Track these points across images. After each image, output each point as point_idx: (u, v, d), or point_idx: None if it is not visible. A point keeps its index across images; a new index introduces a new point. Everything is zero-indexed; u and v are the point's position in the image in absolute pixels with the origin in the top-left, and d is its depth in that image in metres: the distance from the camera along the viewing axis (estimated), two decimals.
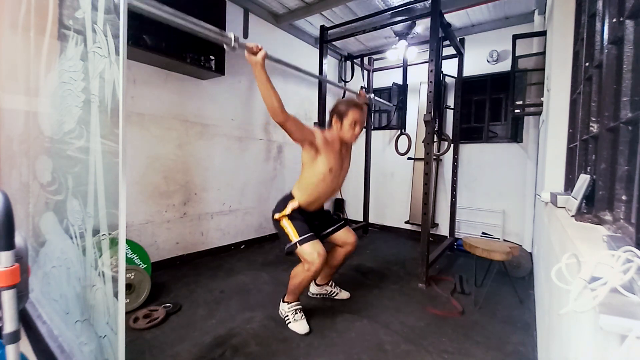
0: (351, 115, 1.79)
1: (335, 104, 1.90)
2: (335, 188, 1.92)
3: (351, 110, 1.80)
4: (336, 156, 1.83)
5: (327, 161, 1.78)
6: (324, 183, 1.82)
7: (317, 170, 1.80)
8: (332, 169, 1.81)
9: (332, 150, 1.81)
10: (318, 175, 1.80)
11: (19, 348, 0.84)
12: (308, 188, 1.84)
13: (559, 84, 1.86)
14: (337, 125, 1.83)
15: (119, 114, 0.86)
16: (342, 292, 2.17)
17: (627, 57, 0.83)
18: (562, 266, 0.59)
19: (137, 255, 2.19)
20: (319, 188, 1.84)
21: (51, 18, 1.36)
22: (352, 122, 1.79)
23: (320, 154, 1.77)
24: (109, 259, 1.02)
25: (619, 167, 0.86)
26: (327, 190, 1.87)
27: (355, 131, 1.82)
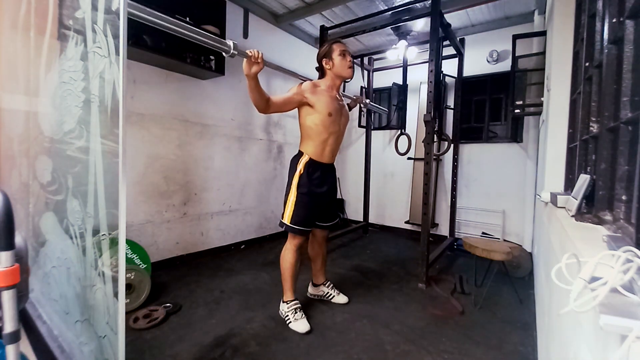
0: (336, 48, 1.83)
1: (317, 53, 1.93)
2: (338, 136, 1.92)
3: (334, 45, 1.85)
4: (332, 101, 1.82)
5: (324, 106, 1.78)
6: (326, 129, 1.82)
7: (317, 118, 1.80)
8: (331, 113, 1.81)
9: (327, 95, 1.82)
10: (318, 123, 1.80)
11: (19, 348, 0.84)
12: (313, 138, 1.84)
13: (559, 84, 1.86)
14: (329, 65, 1.85)
15: (119, 114, 0.86)
16: (340, 296, 2.14)
17: (627, 57, 0.83)
18: (562, 266, 0.59)
19: (137, 255, 2.19)
20: (323, 135, 1.83)
21: (51, 18, 1.36)
22: (340, 53, 1.82)
23: (314, 104, 1.78)
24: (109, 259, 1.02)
25: (619, 167, 0.86)
26: (332, 137, 1.87)
27: (347, 61, 1.84)
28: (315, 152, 1.85)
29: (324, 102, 1.79)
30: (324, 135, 1.83)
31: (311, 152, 1.85)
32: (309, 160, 1.84)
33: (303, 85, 1.78)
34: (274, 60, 3.63)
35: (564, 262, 0.58)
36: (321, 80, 1.89)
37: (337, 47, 1.83)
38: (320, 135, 1.83)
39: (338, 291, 2.16)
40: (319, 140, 1.84)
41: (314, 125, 1.81)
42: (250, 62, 1.51)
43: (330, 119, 1.81)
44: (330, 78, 1.87)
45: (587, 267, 0.53)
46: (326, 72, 1.88)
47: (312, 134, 1.83)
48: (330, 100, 1.81)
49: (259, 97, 1.61)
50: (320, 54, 1.89)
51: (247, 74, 1.54)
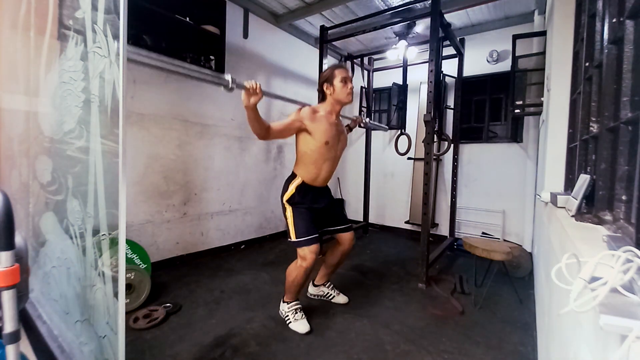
0: (338, 74, 1.82)
1: (319, 77, 1.93)
2: (334, 162, 1.91)
3: (336, 70, 1.83)
4: (330, 128, 1.81)
5: (321, 135, 1.77)
6: (321, 156, 1.81)
7: (313, 146, 1.78)
8: (328, 142, 1.80)
9: (325, 123, 1.80)
10: (314, 149, 1.79)
11: (19, 348, 0.84)
12: (307, 164, 1.83)
13: (559, 84, 1.86)
14: (330, 90, 1.83)
15: (119, 114, 0.86)
16: (340, 296, 2.13)
17: (627, 57, 0.83)
18: (562, 266, 0.59)
19: (137, 255, 2.19)
20: (318, 162, 1.82)
21: (51, 18, 1.36)
22: (341, 79, 1.81)
23: (313, 132, 1.76)
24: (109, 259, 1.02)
25: (619, 167, 0.86)
26: (327, 164, 1.86)
27: (348, 88, 1.83)
28: (308, 176, 1.84)
29: (321, 131, 1.77)
30: (319, 162, 1.82)
31: (304, 176, 1.84)
32: (302, 183, 1.83)
33: (302, 112, 1.76)
34: (273, 60, 3.64)
35: (564, 262, 0.58)
36: (321, 105, 1.87)
37: (339, 73, 1.82)
38: (316, 162, 1.82)
39: (338, 291, 2.16)
40: (313, 166, 1.83)
41: (309, 151, 1.80)
42: (249, 93, 1.50)
43: (326, 147, 1.80)
44: (330, 103, 1.85)
45: (587, 267, 0.53)
46: (326, 97, 1.86)
47: (307, 159, 1.82)
48: (328, 128, 1.80)
49: (259, 127, 1.60)
50: (321, 77, 1.88)
51: (246, 106, 1.53)
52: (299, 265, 1.76)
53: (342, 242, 2.00)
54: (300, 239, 1.76)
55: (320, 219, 1.90)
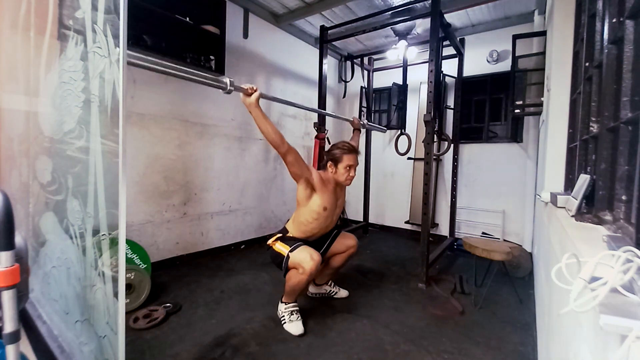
0: (346, 160, 1.84)
1: (330, 147, 1.94)
2: (329, 224, 1.97)
3: (345, 155, 1.85)
4: (330, 195, 1.86)
5: (321, 201, 1.82)
6: (317, 221, 1.87)
7: (311, 209, 1.83)
8: (327, 208, 1.85)
9: (327, 189, 1.85)
10: (312, 213, 1.84)
11: (19, 348, 0.84)
12: (302, 225, 1.88)
13: (559, 84, 1.86)
14: (332, 169, 1.88)
15: (119, 114, 0.86)
16: (341, 291, 2.18)
17: (627, 57, 0.83)
18: (562, 266, 0.59)
19: (137, 255, 2.19)
20: (313, 225, 1.87)
21: (51, 18, 1.36)
22: (346, 166, 1.85)
23: (316, 192, 1.81)
24: (109, 259, 1.02)
25: (619, 167, 0.86)
26: (321, 227, 1.91)
27: (350, 174, 1.87)
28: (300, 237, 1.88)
29: (324, 196, 1.82)
30: (314, 224, 1.87)
31: (296, 235, 1.88)
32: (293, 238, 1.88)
33: (314, 171, 1.82)
34: (274, 60, 3.64)
35: (564, 262, 0.58)
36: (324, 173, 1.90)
37: (347, 160, 1.84)
38: (311, 225, 1.86)
39: (338, 287, 2.18)
40: (308, 230, 1.88)
41: (308, 214, 1.84)
42: (247, 93, 1.52)
43: (324, 213, 1.85)
44: (331, 175, 1.90)
45: (587, 267, 0.53)
46: (327, 171, 1.90)
47: (303, 219, 1.86)
48: (329, 196, 1.85)
49: (272, 129, 1.59)
50: (329, 154, 1.90)
51: (249, 104, 1.54)
52: (301, 273, 1.70)
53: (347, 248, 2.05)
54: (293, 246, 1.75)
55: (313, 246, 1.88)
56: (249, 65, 3.34)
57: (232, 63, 3.06)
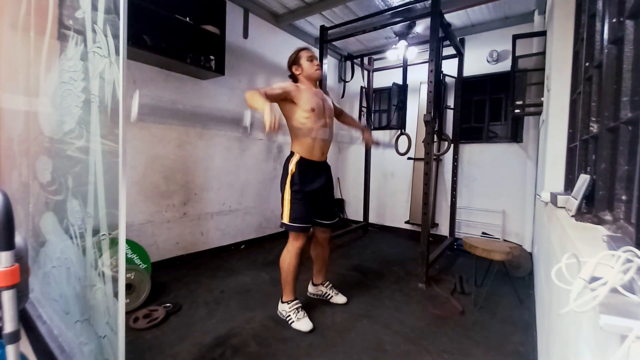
0: (304, 54, 1.92)
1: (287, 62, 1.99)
2: (325, 128, 1.92)
3: (301, 52, 1.93)
4: (313, 96, 1.87)
5: (306, 102, 1.83)
6: (312, 124, 1.85)
7: (300, 116, 1.84)
8: (314, 108, 1.85)
9: (308, 92, 1.86)
10: (303, 119, 1.84)
11: (19, 348, 0.84)
12: (299, 136, 1.87)
13: (559, 84, 1.86)
14: (299, 71, 1.93)
15: (119, 114, 0.86)
16: (338, 296, 2.13)
17: (627, 57, 0.83)
18: (562, 266, 0.59)
19: (137, 255, 2.19)
20: (311, 131, 1.86)
21: (51, 18, 1.36)
22: (307, 58, 1.92)
23: (298, 101, 1.82)
24: (109, 259, 1.02)
25: (619, 167, 0.86)
26: (319, 131, 1.88)
27: (314, 64, 1.92)
28: (305, 150, 1.88)
29: (305, 99, 1.83)
30: (310, 131, 1.86)
31: (301, 151, 1.88)
32: (300, 159, 1.87)
33: (287, 84, 1.84)
34: (274, 60, 3.64)
35: (564, 262, 0.58)
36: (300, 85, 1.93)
37: (304, 54, 1.92)
38: (308, 132, 1.85)
39: (337, 291, 2.16)
40: (305, 138, 1.86)
41: (299, 124, 1.84)
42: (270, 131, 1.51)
43: (313, 114, 1.84)
44: (304, 82, 1.94)
45: (587, 267, 0.53)
46: (298, 78, 1.95)
47: (299, 133, 1.86)
48: (311, 96, 1.86)
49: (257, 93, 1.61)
50: (289, 61, 1.96)
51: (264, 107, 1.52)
52: (291, 248, 1.86)
53: (317, 233, 2.08)
54: (293, 224, 1.84)
55: (314, 205, 1.94)
56: (249, 65, 3.34)
57: (232, 63, 3.06)
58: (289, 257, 1.87)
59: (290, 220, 1.83)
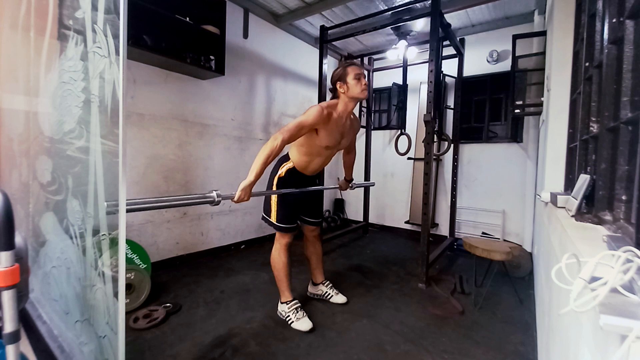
0: (351, 71, 1.76)
1: (331, 75, 1.85)
2: (328, 158, 1.93)
3: (349, 68, 1.78)
4: (336, 131, 1.80)
5: (325, 139, 1.77)
6: (319, 156, 1.86)
7: (314, 144, 1.80)
8: (329, 146, 1.82)
9: (334, 126, 1.78)
10: (314, 147, 1.81)
11: (19, 348, 0.84)
12: (300, 153, 1.87)
13: (559, 84, 1.86)
14: (344, 88, 1.77)
15: (119, 114, 0.86)
16: (338, 296, 2.13)
17: (627, 57, 0.83)
18: (562, 266, 0.59)
19: (137, 255, 2.19)
20: (313, 158, 1.87)
21: (51, 18, 1.36)
22: (354, 76, 1.75)
23: (320, 132, 1.76)
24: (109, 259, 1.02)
25: (619, 167, 0.86)
26: (321, 162, 1.91)
27: (362, 84, 1.76)
28: (299, 164, 1.89)
29: (326, 135, 1.76)
30: (313, 156, 1.86)
31: (296, 162, 1.88)
32: (292, 168, 1.89)
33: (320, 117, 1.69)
34: (274, 60, 3.64)
35: (564, 262, 0.58)
36: (336, 104, 1.80)
37: (352, 71, 1.76)
38: (309, 155, 1.85)
39: (337, 291, 2.16)
40: (305, 157, 1.86)
41: (307, 145, 1.81)
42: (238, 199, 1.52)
43: (326, 150, 1.83)
44: (344, 102, 1.79)
45: (587, 267, 0.53)
46: (340, 95, 1.80)
47: (303, 149, 1.84)
48: (333, 133, 1.78)
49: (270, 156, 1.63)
50: (334, 76, 1.81)
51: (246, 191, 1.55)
52: (278, 245, 1.89)
53: (305, 231, 2.10)
54: (280, 224, 1.86)
55: (300, 205, 1.96)
56: (249, 65, 3.34)
57: (232, 63, 3.06)
58: (277, 254, 1.90)
59: (277, 220, 1.86)
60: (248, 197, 1.55)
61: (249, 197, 1.56)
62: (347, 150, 2.14)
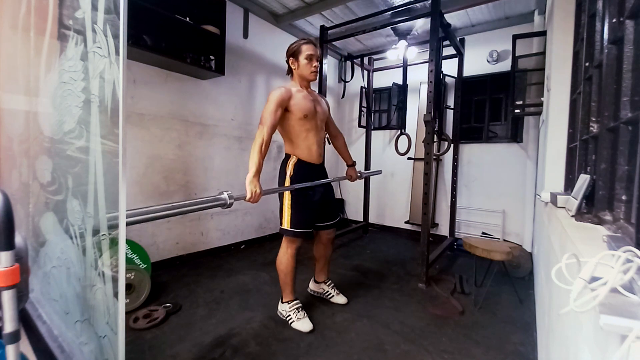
0: (305, 50, 1.77)
1: (287, 48, 1.86)
2: (317, 131, 1.90)
3: (303, 45, 1.77)
4: (304, 101, 1.80)
5: (299, 110, 1.77)
6: (308, 132, 1.84)
7: (295, 121, 1.80)
8: (307, 114, 1.80)
9: (300, 98, 1.78)
10: (297, 124, 1.80)
11: (19, 348, 0.84)
12: (293, 139, 1.85)
13: (559, 84, 1.86)
14: (295, 65, 1.81)
15: (119, 114, 0.86)
16: (339, 297, 2.13)
17: (627, 57, 0.83)
18: (562, 266, 0.59)
19: (137, 255, 2.19)
20: (302, 134, 1.84)
21: (51, 18, 1.36)
22: (306, 56, 1.77)
23: (290, 108, 1.76)
24: (109, 259, 1.02)
25: (619, 167, 0.86)
26: (310, 134, 1.86)
27: (312, 65, 1.77)
28: (301, 152, 1.86)
29: (298, 106, 1.77)
30: (302, 134, 1.84)
31: (298, 153, 1.86)
32: (298, 161, 1.86)
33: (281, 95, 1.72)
34: (274, 60, 3.64)
35: (564, 262, 0.58)
36: (291, 83, 1.87)
37: (306, 50, 1.77)
38: (299, 135, 1.83)
39: (338, 291, 2.16)
40: (301, 140, 1.84)
41: (291, 128, 1.81)
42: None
43: (305, 119, 1.81)
44: (297, 79, 1.85)
45: (587, 267, 0.53)
46: (293, 72, 1.86)
47: (292, 136, 1.84)
48: (303, 102, 1.79)
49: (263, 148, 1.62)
50: (288, 50, 1.84)
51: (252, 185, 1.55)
52: (287, 250, 1.84)
53: (321, 234, 2.05)
54: (295, 229, 1.80)
55: (314, 209, 1.90)
56: (249, 65, 3.34)
57: (232, 63, 3.06)
58: (286, 260, 1.84)
59: (291, 226, 1.80)
60: (260, 190, 1.54)
61: (261, 191, 1.55)
62: (332, 135, 2.15)
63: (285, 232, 1.83)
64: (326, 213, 2.00)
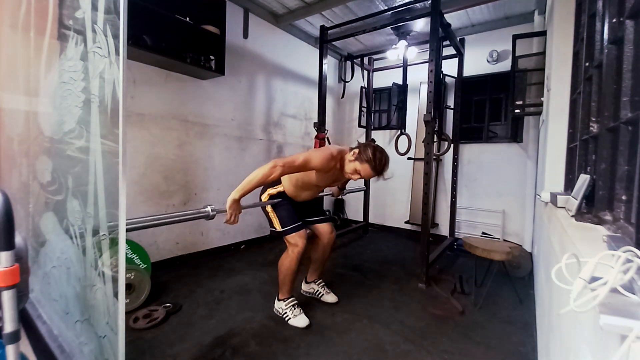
0: (363, 168, 1.68)
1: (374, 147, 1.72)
2: (317, 192, 2.01)
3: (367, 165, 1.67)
4: (331, 178, 1.87)
5: (320, 180, 1.85)
6: (308, 190, 1.93)
7: (306, 178, 1.85)
8: (320, 186, 1.91)
9: (331, 173, 1.81)
10: (305, 181, 1.86)
11: (19, 348, 0.84)
12: (292, 185, 1.91)
13: (559, 84, 1.86)
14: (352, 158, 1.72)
15: (119, 114, 0.86)
16: (329, 295, 2.12)
17: (627, 57, 0.83)
18: (562, 266, 0.59)
19: (137, 255, 2.19)
20: (303, 190, 1.92)
21: (51, 18, 1.36)
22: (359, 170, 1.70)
23: (317, 173, 1.80)
24: (109, 259, 1.02)
25: (619, 167, 0.86)
26: (310, 195, 1.97)
27: (353, 177, 1.74)
28: (289, 192, 1.93)
29: (323, 177, 1.82)
30: (303, 189, 1.91)
31: (287, 189, 1.92)
32: (283, 192, 1.92)
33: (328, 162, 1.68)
34: (274, 60, 3.64)
35: (564, 262, 0.58)
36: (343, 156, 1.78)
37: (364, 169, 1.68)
38: (299, 187, 1.90)
39: (328, 290, 2.16)
40: (294, 188, 1.91)
41: (301, 179, 1.86)
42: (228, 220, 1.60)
43: (316, 187, 1.92)
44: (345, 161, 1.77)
45: (587, 267, 0.53)
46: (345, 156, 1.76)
47: (296, 181, 1.89)
48: (331, 177, 1.84)
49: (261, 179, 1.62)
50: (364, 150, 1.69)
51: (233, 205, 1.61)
52: (291, 253, 1.84)
53: (321, 235, 2.04)
54: (287, 227, 1.84)
55: (299, 211, 1.96)
56: (249, 65, 3.34)
57: (232, 63, 3.06)
58: (289, 262, 1.84)
59: (282, 225, 1.86)
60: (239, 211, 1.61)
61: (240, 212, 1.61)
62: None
63: (281, 233, 1.87)
64: (311, 209, 2.05)
